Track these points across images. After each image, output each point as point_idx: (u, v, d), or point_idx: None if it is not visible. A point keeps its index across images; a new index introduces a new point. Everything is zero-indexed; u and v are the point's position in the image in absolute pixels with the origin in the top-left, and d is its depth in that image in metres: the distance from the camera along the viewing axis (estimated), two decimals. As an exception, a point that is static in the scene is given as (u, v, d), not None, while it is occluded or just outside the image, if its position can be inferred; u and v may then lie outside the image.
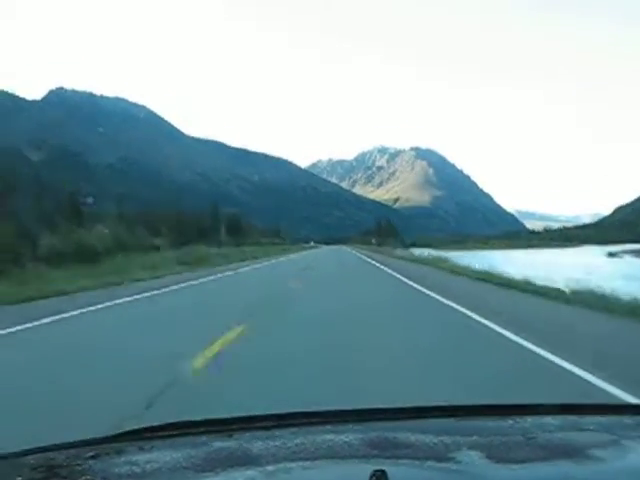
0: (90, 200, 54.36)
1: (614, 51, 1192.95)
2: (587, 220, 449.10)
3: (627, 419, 1.21)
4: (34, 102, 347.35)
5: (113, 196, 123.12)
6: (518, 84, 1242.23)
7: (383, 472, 0.82)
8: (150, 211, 61.42)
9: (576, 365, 5.65)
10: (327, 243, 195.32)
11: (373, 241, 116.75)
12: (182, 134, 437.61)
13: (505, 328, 8.04)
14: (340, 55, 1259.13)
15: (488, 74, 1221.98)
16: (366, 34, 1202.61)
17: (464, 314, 9.87)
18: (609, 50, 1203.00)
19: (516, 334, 7.50)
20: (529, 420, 1.19)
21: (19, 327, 8.33)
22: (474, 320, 9.15)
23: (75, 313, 9.95)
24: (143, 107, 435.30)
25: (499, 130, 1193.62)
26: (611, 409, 1.38)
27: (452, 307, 10.96)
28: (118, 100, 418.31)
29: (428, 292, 14.09)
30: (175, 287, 15.91)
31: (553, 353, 6.24)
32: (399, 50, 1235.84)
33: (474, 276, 19.50)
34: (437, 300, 12.40)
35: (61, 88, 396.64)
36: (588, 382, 5.10)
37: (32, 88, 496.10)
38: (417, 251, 55.53)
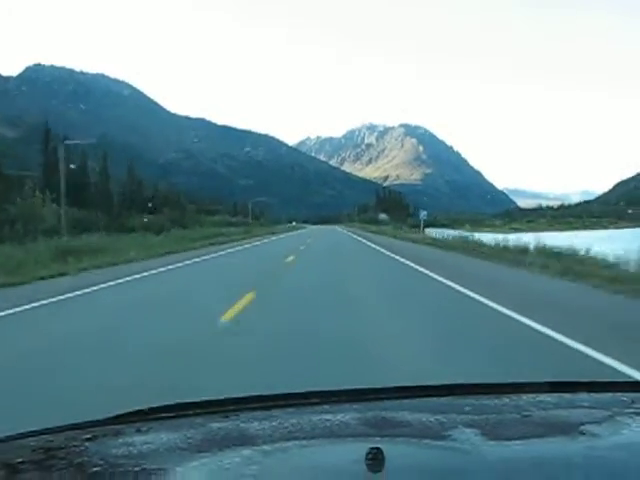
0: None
1: (606, 33, 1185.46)
2: (576, 198, 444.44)
3: (622, 396, 1.21)
4: (10, 78, 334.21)
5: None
6: (506, 63, 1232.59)
7: (379, 450, 0.83)
8: None
9: None
10: (315, 223, 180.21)
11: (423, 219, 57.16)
12: (166, 111, 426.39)
13: None
14: (329, 32, 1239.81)
15: (476, 52, 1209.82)
16: (355, 12, 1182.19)
17: None
18: (601, 32, 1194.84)
19: None
20: (524, 398, 1.20)
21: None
22: None
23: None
24: (125, 83, 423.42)
25: (487, 108, 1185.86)
26: (606, 386, 1.41)
27: None
28: (99, 76, 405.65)
29: None
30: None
31: None
32: (388, 28, 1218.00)
33: None
34: None
35: (39, 64, 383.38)
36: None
37: (8, 64, 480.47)
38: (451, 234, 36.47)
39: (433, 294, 11.00)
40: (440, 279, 12.76)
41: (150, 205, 62.77)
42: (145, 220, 50.50)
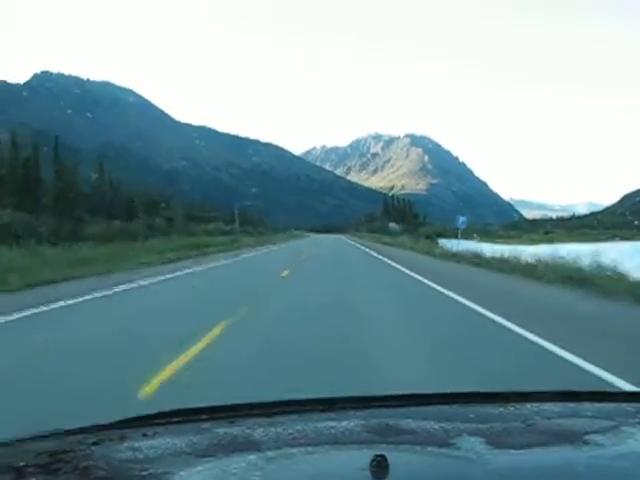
0: None
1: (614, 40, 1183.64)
2: (582, 209, 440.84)
3: (626, 406, 1.22)
4: (17, 85, 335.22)
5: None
6: (512, 76, 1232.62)
7: (384, 457, 0.83)
8: None
9: None
10: (319, 232, 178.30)
11: None
12: (172, 119, 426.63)
13: None
14: (335, 42, 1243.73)
15: (481, 65, 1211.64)
16: (361, 21, 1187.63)
17: None
18: (605, 42, 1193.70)
19: None
20: (528, 407, 1.20)
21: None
22: None
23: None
24: (131, 91, 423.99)
25: (493, 119, 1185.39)
26: (610, 396, 1.40)
27: None
28: (105, 84, 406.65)
29: None
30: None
31: None
32: (393, 37, 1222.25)
33: None
34: None
35: (46, 72, 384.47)
36: None
37: (16, 71, 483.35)
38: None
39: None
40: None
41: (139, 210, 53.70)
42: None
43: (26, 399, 4.56)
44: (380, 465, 0.82)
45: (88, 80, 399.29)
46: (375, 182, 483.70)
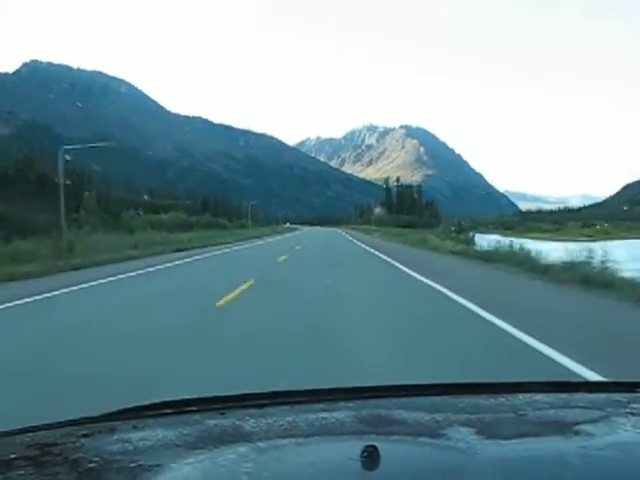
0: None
1: (608, 36, 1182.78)
2: (577, 201, 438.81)
3: (616, 396, 1.22)
4: (6, 74, 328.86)
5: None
6: (507, 66, 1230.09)
7: (375, 447, 0.83)
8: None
9: None
10: (312, 224, 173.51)
11: None
12: (164, 109, 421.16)
13: None
14: (329, 32, 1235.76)
15: (477, 54, 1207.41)
16: (356, 13, 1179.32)
17: None
18: (603, 37, 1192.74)
19: None
20: (519, 398, 1.21)
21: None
22: None
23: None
24: (123, 81, 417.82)
25: (487, 110, 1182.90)
26: (601, 386, 1.41)
27: None
28: (97, 74, 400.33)
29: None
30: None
31: None
32: (388, 28, 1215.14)
33: None
34: None
35: (36, 60, 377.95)
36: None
37: (5, 60, 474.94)
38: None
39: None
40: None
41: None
42: None
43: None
44: (371, 455, 0.82)
45: (79, 69, 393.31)
46: (370, 174, 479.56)
